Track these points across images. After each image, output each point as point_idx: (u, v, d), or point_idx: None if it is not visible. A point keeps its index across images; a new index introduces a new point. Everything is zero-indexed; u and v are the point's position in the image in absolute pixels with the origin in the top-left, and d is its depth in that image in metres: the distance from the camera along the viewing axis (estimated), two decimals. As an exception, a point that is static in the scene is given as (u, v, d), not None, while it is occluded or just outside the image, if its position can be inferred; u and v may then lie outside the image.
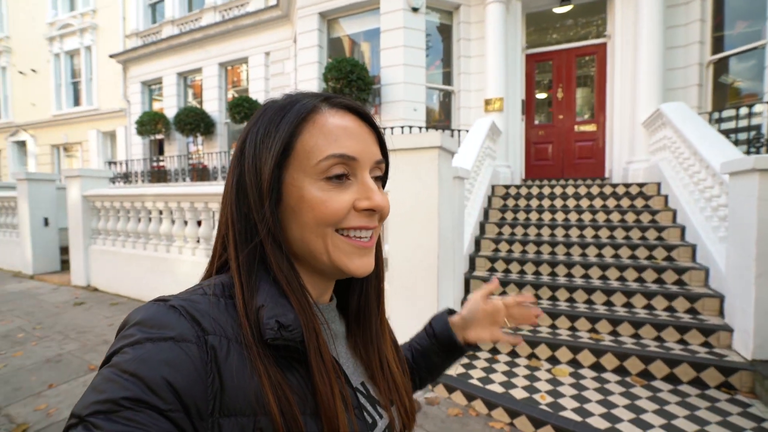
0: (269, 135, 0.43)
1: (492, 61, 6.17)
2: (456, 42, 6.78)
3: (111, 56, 10.65)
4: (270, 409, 0.36)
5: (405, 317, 2.57)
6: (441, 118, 7.13)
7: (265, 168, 0.42)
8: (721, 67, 5.52)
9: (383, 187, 0.50)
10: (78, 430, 0.30)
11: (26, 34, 12.88)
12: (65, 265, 5.76)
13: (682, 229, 3.63)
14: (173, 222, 4.31)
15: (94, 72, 11.56)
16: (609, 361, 2.54)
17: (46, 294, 4.76)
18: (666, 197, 4.21)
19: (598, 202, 4.50)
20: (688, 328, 2.63)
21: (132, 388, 0.31)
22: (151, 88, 10.80)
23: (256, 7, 8.76)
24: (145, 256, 4.40)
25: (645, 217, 4.00)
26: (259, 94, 8.77)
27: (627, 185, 4.60)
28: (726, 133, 4.87)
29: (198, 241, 4.14)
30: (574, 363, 2.62)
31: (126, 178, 10.35)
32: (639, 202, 4.32)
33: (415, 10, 6.32)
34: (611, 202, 4.44)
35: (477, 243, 4.10)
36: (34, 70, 12.65)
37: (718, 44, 5.55)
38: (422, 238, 2.51)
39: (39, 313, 4.03)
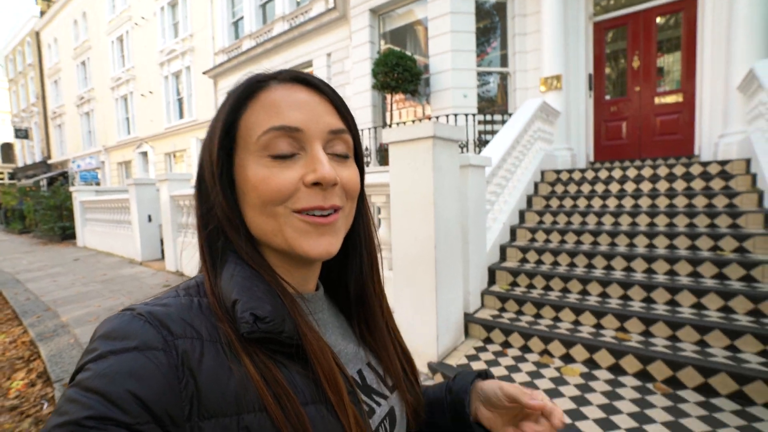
0: (217, 118, 0.42)
1: (548, 36, 5.66)
2: (510, 19, 6.37)
3: (203, 73, 12.23)
4: (265, 403, 0.34)
5: (407, 306, 2.62)
6: (500, 103, 6.78)
7: (213, 150, 0.41)
8: None
9: (361, 165, 0.48)
10: None
11: (144, 63, 15.46)
12: (164, 253, 6.90)
13: (766, 215, 2.98)
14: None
15: (192, 88, 13.41)
16: (630, 363, 2.26)
17: (147, 277, 5.79)
18: (754, 177, 3.47)
19: (680, 185, 3.84)
20: (741, 333, 2.20)
21: (95, 406, 0.29)
22: (236, 97, 12.15)
23: (318, 11, 9.26)
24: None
25: (721, 201, 3.37)
26: (322, 94, 9.29)
27: (720, 163, 3.87)
28: None
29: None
30: (591, 363, 2.39)
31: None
32: (717, 184, 3.63)
33: (462, -8, 6.09)
34: (698, 184, 3.74)
35: (513, 232, 3.89)
36: (151, 92, 15.14)
37: None
38: (420, 228, 2.52)
39: (138, 293, 4.95)
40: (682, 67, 5.48)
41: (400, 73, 6.16)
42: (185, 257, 5.79)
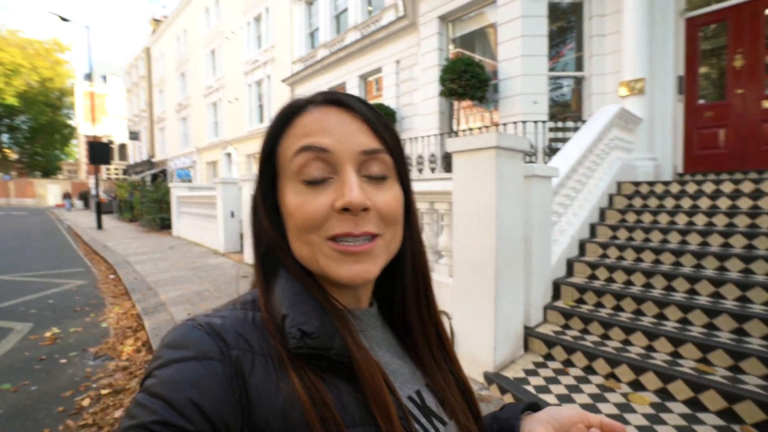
0: (261, 146, 0.44)
1: (631, 36, 5.26)
2: (587, 20, 6.03)
3: (282, 81, 13.20)
4: (310, 424, 0.34)
5: (465, 312, 2.66)
6: (575, 109, 6.45)
7: (258, 176, 0.44)
8: None
9: (405, 185, 0.45)
10: None
11: (232, 72, 17.12)
12: (243, 247, 7.62)
13: None
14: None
15: (272, 95, 14.56)
16: (711, 399, 2.07)
17: (228, 267, 6.44)
18: None
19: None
20: None
21: (160, 411, 0.31)
22: (309, 104, 12.95)
23: (388, 20, 9.54)
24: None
25: (842, 224, 2.90)
26: (391, 100, 9.54)
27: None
28: None
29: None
30: (664, 393, 2.23)
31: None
32: (840, 203, 3.13)
33: (536, -5, 5.90)
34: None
35: (582, 247, 3.71)
36: (236, 99, 16.70)
37: None
38: (481, 237, 2.54)
39: (220, 280, 5.54)
40: (800, 65, 4.76)
41: (467, 80, 6.15)
42: (260, 251, 6.35)
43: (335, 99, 0.42)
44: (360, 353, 0.39)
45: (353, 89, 10.70)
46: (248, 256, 6.62)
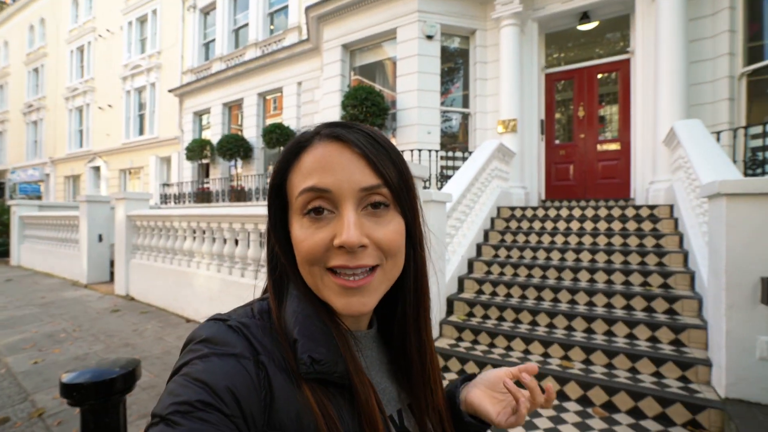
0: (271, 178, 0.48)
1: (506, 83, 6.21)
2: (473, 65, 6.91)
3: (170, 91, 12.03)
4: (319, 427, 0.38)
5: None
6: (462, 140, 7.22)
7: (269, 207, 0.48)
8: (759, 80, 5.11)
9: (410, 211, 0.47)
10: (160, 426, 0.34)
11: (106, 75, 14.96)
12: (113, 276, 6.53)
13: (685, 255, 3.41)
14: (194, 240, 4.80)
15: (156, 105, 13.11)
16: (572, 389, 2.47)
17: (93, 301, 5.44)
18: (677, 221, 3.96)
19: (617, 225, 4.26)
20: (665, 361, 2.48)
21: (203, 394, 0.35)
22: (201, 117, 12.02)
23: (291, 41, 9.53)
24: (171, 270, 4.92)
25: (650, 241, 3.79)
26: (291, 120, 9.43)
27: (650, 207, 4.37)
28: (755, 150, 4.49)
29: (214, 258, 4.57)
30: (539, 390, 2.57)
31: (177, 198, 11.47)
32: (647, 225, 4.09)
33: (429, 37, 6.57)
34: (631, 225, 4.18)
35: (470, 265, 4.12)
36: (110, 105, 14.59)
37: (755, 54, 5.17)
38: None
39: (82, 317, 4.64)
40: (619, 119, 6.18)
41: (368, 107, 6.46)
42: (134, 280, 5.53)
43: (337, 135, 0.44)
44: (358, 377, 0.43)
45: (251, 106, 10.31)
46: (120, 286, 5.69)
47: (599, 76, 6.41)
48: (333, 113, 7.54)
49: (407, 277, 0.50)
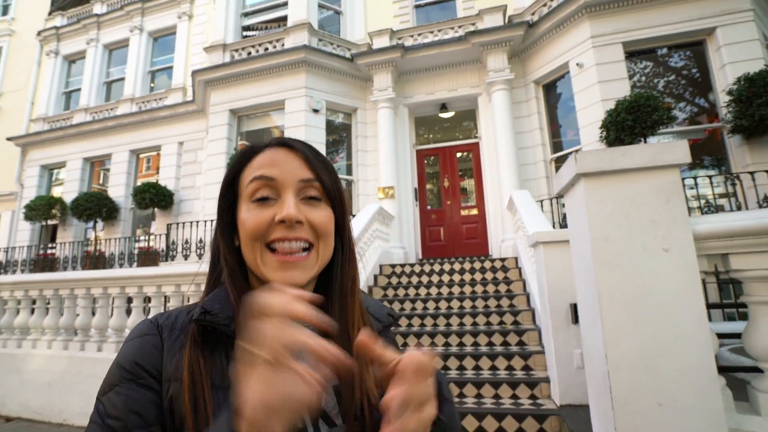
0: (224, 177, 0.57)
1: (384, 155, 7.07)
2: (355, 138, 7.71)
3: (9, 139, 10.17)
4: (182, 375, 0.46)
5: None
6: (347, 204, 7.70)
7: (219, 198, 0.57)
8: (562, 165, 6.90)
9: (338, 207, 0.56)
10: (97, 404, 0.47)
11: None
12: None
13: (528, 296, 4.22)
14: (32, 312, 3.95)
15: (-15, 155, 10.81)
16: (450, 421, 2.73)
17: None
18: (520, 269, 4.89)
19: (478, 276, 5.00)
20: (518, 384, 2.97)
21: (119, 372, 0.48)
22: (51, 172, 10.33)
23: (174, 101, 9.25)
24: (-11, 354, 3.87)
25: (503, 287, 4.58)
26: (169, 180, 8.81)
27: (502, 260, 5.28)
28: (566, 216, 5.94)
29: (59, 332, 3.80)
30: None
31: (4, 267, 9.20)
32: (500, 275, 4.94)
33: (315, 111, 7.20)
34: (489, 275, 4.96)
35: (358, 318, 4.29)
36: None
37: (557, 145, 7.03)
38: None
39: None
40: (475, 189, 7.50)
41: (257, 170, 6.54)
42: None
43: (283, 142, 0.56)
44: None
45: (120, 163, 9.37)
46: None
47: (458, 154, 7.80)
48: (217, 175, 7.38)
49: (335, 264, 0.57)
